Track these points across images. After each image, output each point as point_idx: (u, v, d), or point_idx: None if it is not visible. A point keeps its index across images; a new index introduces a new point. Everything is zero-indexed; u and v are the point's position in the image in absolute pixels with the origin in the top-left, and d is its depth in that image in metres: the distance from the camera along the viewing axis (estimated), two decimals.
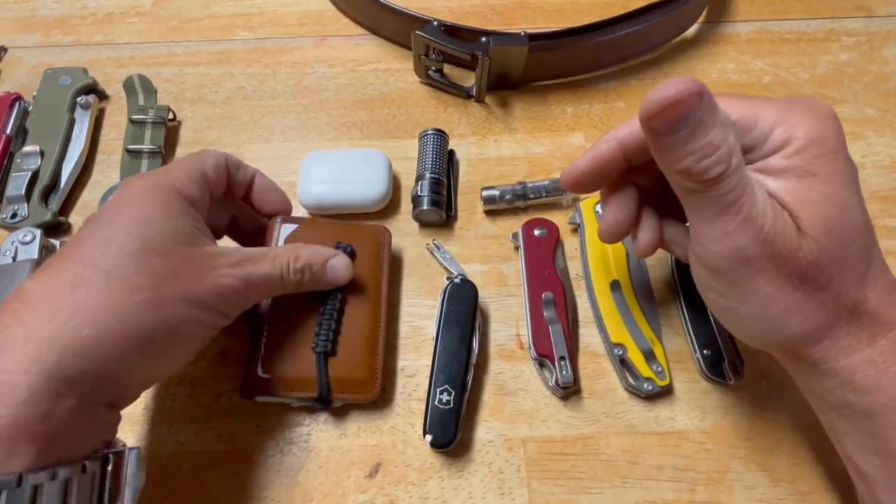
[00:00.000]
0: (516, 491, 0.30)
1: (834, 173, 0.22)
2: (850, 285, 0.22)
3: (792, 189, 0.22)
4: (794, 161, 0.22)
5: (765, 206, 0.22)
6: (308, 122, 0.44)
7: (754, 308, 0.23)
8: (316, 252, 0.30)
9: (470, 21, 0.47)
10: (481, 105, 0.44)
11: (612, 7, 0.50)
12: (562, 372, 0.31)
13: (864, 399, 0.23)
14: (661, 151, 0.22)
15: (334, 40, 0.49)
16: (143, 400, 0.33)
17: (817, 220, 0.22)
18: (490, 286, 0.36)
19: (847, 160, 0.23)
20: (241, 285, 0.27)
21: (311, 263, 0.30)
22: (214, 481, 0.30)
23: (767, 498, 0.30)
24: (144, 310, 0.23)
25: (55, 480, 0.20)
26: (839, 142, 0.23)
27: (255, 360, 0.31)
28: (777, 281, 0.22)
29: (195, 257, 0.25)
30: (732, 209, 0.21)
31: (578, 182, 0.28)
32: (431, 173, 0.38)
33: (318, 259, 0.30)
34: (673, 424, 0.32)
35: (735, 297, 0.24)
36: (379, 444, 0.31)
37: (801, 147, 0.22)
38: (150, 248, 0.24)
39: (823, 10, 0.50)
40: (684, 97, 0.20)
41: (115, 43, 0.48)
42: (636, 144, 0.26)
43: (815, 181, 0.22)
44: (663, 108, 0.20)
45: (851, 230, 0.22)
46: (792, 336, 0.23)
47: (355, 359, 0.31)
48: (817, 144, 0.22)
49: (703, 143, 0.21)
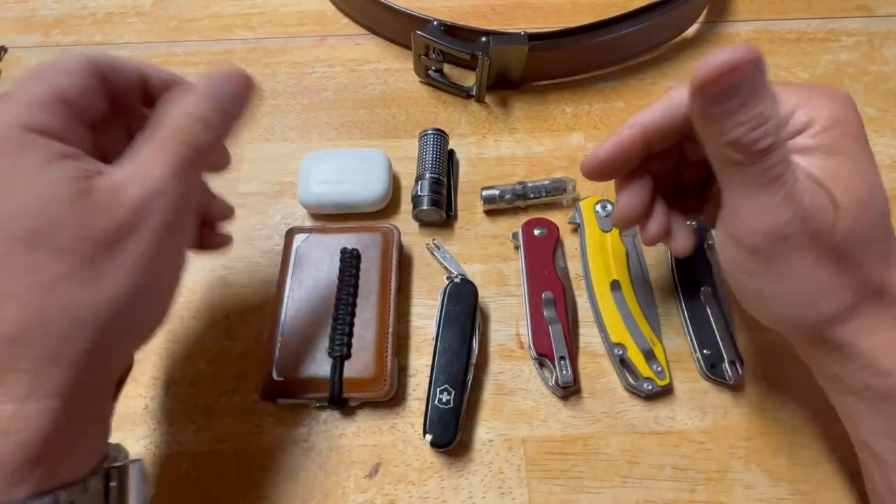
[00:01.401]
0: (516, 490, 0.30)
1: (861, 151, 0.22)
2: (876, 265, 0.22)
3: (822, 165, 0.22)
4: (820, 139, 0.22)
5: (805, 182, 0.22)
6: (308, 122, 0.44)
7: (789, 287, 0.23)
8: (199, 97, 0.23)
9: (470, 21, 0.47)
10: (481, 105, 0.44)
11: (611, 7, 0.50)
12: (562, 372, 0.31)
13: (885, 381, 0.23)
14: (711, 121, 0.21)
15: (334, 40, 0.49)
16: (143, 400, 0.33)
17: (851, 196, 0.22)
18: (490, 286, 0.36)
19: (867, 143, 0.23)
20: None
21: (208, 120, 0.23)
22: (214, 481, 0.30)
23: (767, 498, 0.30)
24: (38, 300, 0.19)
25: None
26: (860, 124, 0.23)
27: (271, 364, 0.31)
28: (812, 260, 0.22)
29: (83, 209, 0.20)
30: (777, 183, 0.21)
31: (601, 169, 0.27)
32: (431, 173, 0.38)
33: (212, 103, 0.23)
34: (673, 424, 0.32)
35: (768, 277, 0.23)
36: (379, 444, 0.31)
37: (826, 126, 0.22)
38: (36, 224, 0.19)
39: (823, 9, 0.50)
40: (741, 63, 0.19)
41: (115, 43, 0.48)
42: (659, 129, 0.26)
43: (843, 158, 0.22)
44: (720, 73, 0.20)
45: (879, 208, 0.22)
46: (822, 317, 0.23)
47: (367, 358, 0.32)
48: (841, 124, 0.22)
49: (755, 113, 0.20)
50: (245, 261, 0.37)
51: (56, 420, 0.19)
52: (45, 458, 0.19)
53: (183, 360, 0.34)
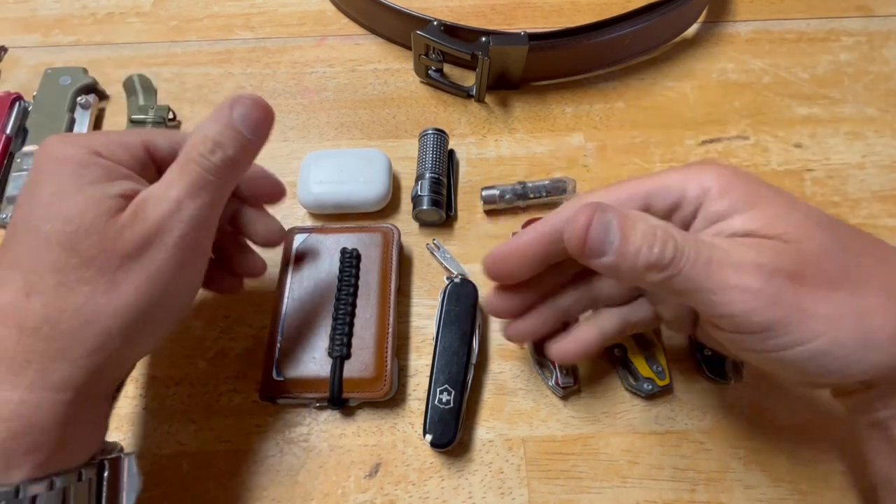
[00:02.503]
0: (516, 491, 0.30)
1: (772, 193, 0.22)
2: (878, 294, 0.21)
3: (747, 221, 0.22)
4: (726, 202, 0.22)
5: (737, 248, 0.21)
6: (308, 122, 0.44)
7: (828, 340, 0.21)
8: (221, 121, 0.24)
9: (470, 21, 0.47)
10: (481, 105, 0.44)
11: (611, 7, 0.50)
12: (562, 372, 0.31)
13: None
14: (614, 270, 0.22)
15: (334, 40, 0.49)
16: (142, 400, 0.33)
17: (794, 229, 0.21)
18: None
19: (767, 183, 0.23)
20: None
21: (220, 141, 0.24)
22: (214, 481, 0.30)
23: (767, 498, 0.30)
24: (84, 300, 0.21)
25: (53, 490, 0.20)
26: (747, 172, 0.23)
27: (271, 364, 0.31)
28: (821, 293, 0.21)
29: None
30: (713, 267, 0.21)
31: (494, 268, 0.27)
32: (431, 173, 0.38)
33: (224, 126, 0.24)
34: (673, 424, 0.32)
35: (797, 337, 0.21)
36: (379, 444, 0.31)
37: (723, 190, 0.22)
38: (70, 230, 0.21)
39: (823, 9, 0.50)
40: (586, 227, 0.21)
41: (115, 43, 0.48)
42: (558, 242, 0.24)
43: (761, 206, 0.22)
44: (580, 248, 0.21)
45: (835, 224, 0.22)
46: (880, 363, 0.21)
47: (367, 358, 0.32)
48: (734, 185, 0.22)
49: (639, 240, 0.21)
50: None
51: (55, 413, 0.21)
52: (41, 447, 0.20)
53: (183, 360, 0.34)
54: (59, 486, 0.20)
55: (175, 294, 0.24)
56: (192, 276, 0.25)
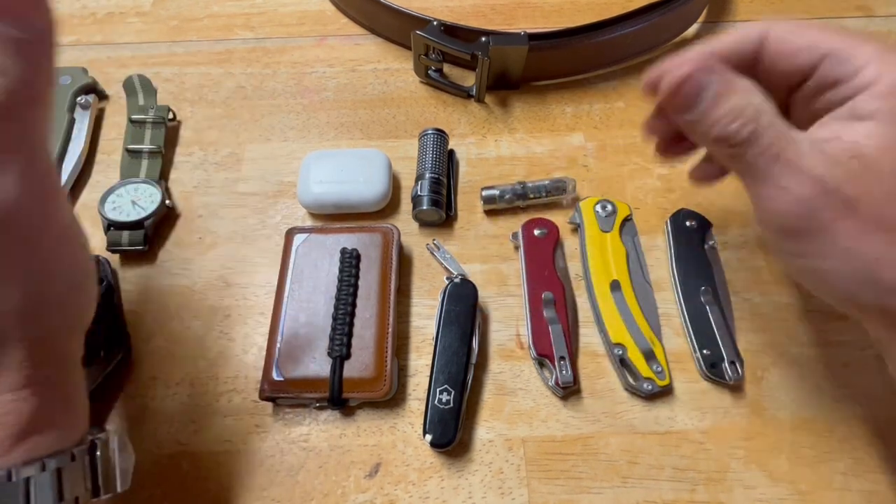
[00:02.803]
0: (516, 491, 0.30)
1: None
2: None
3: (875, 133, 0.21)
4: (879, 103, 0.21)
5: (813, 155, 0.21)
6: (308, 121, 0.44)
7: (840, 263, 0.22)
8: None
9: (470, 21, 0.47)
10: (481, 105, 0.44)
11: (612, 7, 0.50)
12: (562, 372, 0.31)
13: None
14: (692, 127, 0.22)
15: (334, 40, 0.49)
16: (143, 400, 0.33)
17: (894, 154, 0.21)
18: (490, 286, 0.36)
19: None
20: None
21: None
22: (214, 481, 0.30)
23: (767, 498, 0.30)
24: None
25: (46, 471, 0.20)
26: None
27: (271, 364, 0.31)
28: (855, 230, 0.21)
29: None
30: (777, 164, 0.21)
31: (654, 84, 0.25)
32: (431, 173, 0.38)
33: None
34: (673, 424, 0.32)
35: (815, 255, 0.22)
36: (379, 444, 0.31)
37: (889, 88, 0.21)
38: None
39: (823, 10, 0.50)
40: (685, 79, 0.21)
41: (115, 43, 0.48)
42: (727, 59, 0.24)
43: (890, 125, 0.21)
44: (672, 94, 0.21)
45: None
46: (889, 290, 0.21)
47: (367, 358, 0.32)
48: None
49: (727, 109, 0.21)
50: (245, 261, 0.37)
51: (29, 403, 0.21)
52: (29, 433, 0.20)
53: (183, 360, 0.34)
54: (53, 466, 0.21)
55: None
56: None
